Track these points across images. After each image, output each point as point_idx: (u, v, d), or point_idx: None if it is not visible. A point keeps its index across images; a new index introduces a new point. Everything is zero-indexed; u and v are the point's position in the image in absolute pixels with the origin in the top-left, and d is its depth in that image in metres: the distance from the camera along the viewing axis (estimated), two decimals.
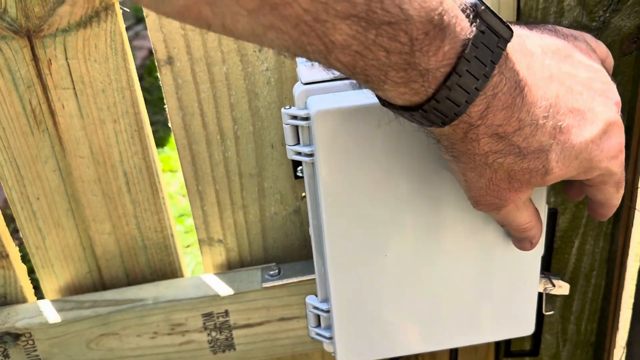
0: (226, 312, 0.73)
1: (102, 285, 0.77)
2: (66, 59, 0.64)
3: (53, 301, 0.74)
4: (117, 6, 0.63)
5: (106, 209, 0.72)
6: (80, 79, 0.65)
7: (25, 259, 0.76)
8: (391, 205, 0.50)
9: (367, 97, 0.47)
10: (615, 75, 0.66)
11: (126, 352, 0.73)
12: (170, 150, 2.66)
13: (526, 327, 0.58)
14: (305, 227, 0.76)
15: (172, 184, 2.50)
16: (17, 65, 0.63)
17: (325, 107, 0.46)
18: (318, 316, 0.59)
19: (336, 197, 0.49)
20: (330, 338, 0.59)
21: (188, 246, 2.15)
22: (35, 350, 0.72)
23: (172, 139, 2.72)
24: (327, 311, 0.57)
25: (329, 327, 0.59)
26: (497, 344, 0.82)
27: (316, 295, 0.62)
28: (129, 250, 0.75)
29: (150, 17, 0.62)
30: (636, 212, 0.85)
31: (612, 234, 0.75)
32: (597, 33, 0.63)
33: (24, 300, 0.76)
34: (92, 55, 0.64)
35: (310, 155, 0.50)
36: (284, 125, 0.50)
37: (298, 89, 0.49)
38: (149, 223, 0.74)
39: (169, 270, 0.77)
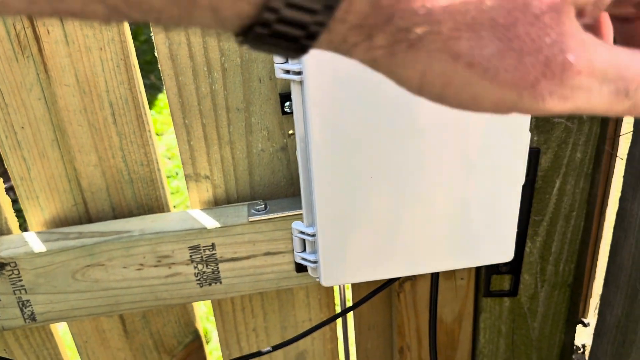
0: (212, 245, 0.74)
1: (88, 219, 0.77)
2: None
3: (38, 233, 0.74)
4: None
5: (92, 140, 0.72)
6: None
7: (8, 192, 0.76)
8: (379, 126, 0.51)
9: None
10: None
11: (112, 284, 0.74)
12: (157, 114, 2.64)
13: (505, 253, 0.59)
14: (293, 166, 0.77)
15: (159, 147, 2.49)
16: None
17: None
18: (304, 241, 0.60)
19: (325, 117, 0.50)
20: (315, 262, 0.60)
21: (175, 207, 2.15)
22: (21, 280, 0.72)
23: (158, 102, 2.70)
24: (313, 235, 0.58)
25: (314, 252, 0.60)
26: (477, 284, 0.84)
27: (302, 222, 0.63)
28: (115, 184, 0.75)
29: None
30: (617, 160, 0.86)
31: (592, 176, 0.77)
32: None
33: (8, 232, 0.76)
34: None
35: (299, 73, 0.50)
36: None
37: None
38: (136, 156, 0.74)
39: (155, 205, 0.78)
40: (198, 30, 0.66)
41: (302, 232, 0.59)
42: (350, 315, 0.94)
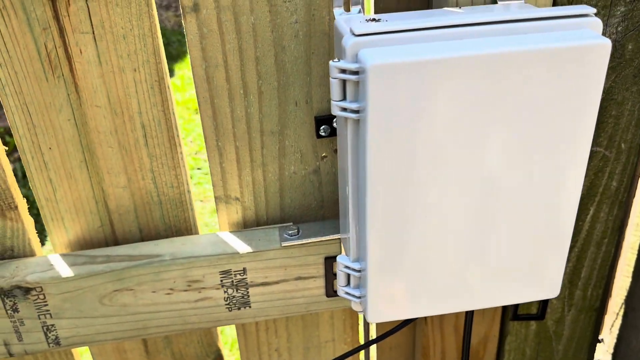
0: (244, 270, 0.72)
1: (114, 240, 0.75)
2: (86, 0, 0.60)
3: (63, 255, 0.72)
4: None
5: (122, 162, 0.69)
6: (101, 23, 0.61)
7: (30, 211, 0.73)
8: (438, 166, 0.50)
9: (430, 50, 0.45)
10: None
11: (140, 309, 0.72)
12: None
13: (552, 289, 0.59)
14: (324, 188, 0.75)
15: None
16: (33, 5, 0.59)
17: (381, 61, 0.44)
18: (348, 275, 0.59)
19: (383, 157, 0.48)
20: (360, 297, 0.59)
21: None
22: (46, 305, 0.70)
23: None
24: (359, 270, 0.57)
25: (358, 287, 0.59)
26: (504, 307, 0.84)
27: (345, 254, 0.61)
28: (144, 205, 0.73)
29: None
30: (639, 182, 0.86)
31: (626, 203, 0.76)
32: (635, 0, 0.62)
33: (31, 254, 0.73)
34: None
35: (357, 111, 0.48)
36: (330, 79, 0.48)
37: (349, 40, 0.47)
38: (166, 178, 0.72)
39: (183, 227, 0.76)
40: (236, 52, 0.64)
41: (347, 267, 0.58)
42: (372, 336, 0.93)
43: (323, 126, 0.70)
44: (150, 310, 0.73)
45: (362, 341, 0.94)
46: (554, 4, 0.61)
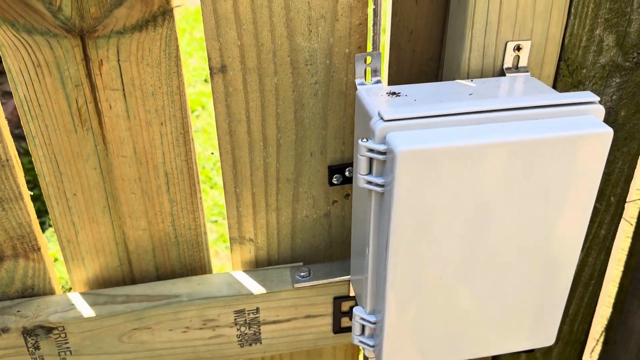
0: (257, 309, 0.76)
1: (131, 278, 0.78)
2: (118, 60, 0.63)
3: (84, 294, 0.75)
4: (175, 12, 0.62)
5: (143, 207, 0.72)
6: (131, 81, 0.64)
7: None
8: (454, 236, 0.54)
9: (451, 136, 0.50)
10: (637, 112, 0.71)
11: (157, 345, 0.76)
12: None
13: (548, 337, 0.64)
14: (334, 230, 0.79)
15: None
16: (67, 64, 0.62)
17: (409, 147, 0.48)
18: (363, 326, 0.63)
19: (405, 227, 0.53)
20: (373, 346, 0.63)
21: None
22: (67, 343, 0.73)
23: None
24: (375, 323, 0.61)
25: (372, 336, 0.63)
26: None
27: (359, 303, 0.66)
28: (162, 246, 0.76)
29: (208, 25, 0.62)
30: (622, 222, 0.92)
31: (611, 248, 0.82)
32: (629, 72, 0.68)
33: (51, 292, 0.76)
34: (145, 58, 0.63)
35: (382, 185, 0.53)
36: (358, 155, 0.52)
37: (377, 124, 0.51)
38: (184, 221, 0.75)
39: (198, 266, 0.79)
40: (258, 109, 0.67)
41: (363, 319, 0.62)
42: None
43: (336, 175, 0.74)
44: (166, 347, 0.76)
45: None
46: (556, 76, 0.66)
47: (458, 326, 0.61)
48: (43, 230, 1.93)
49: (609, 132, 0.52)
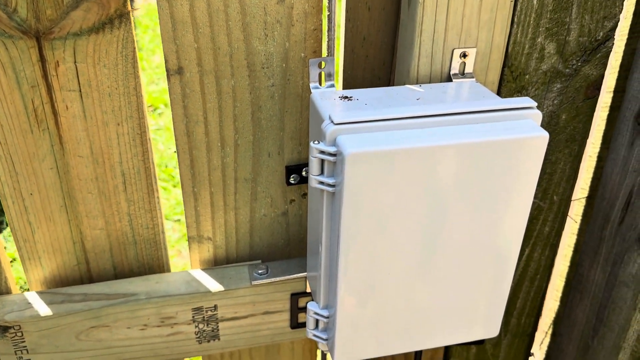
0: (215, 307, 0.77)
1: (88, 277, 0.78)
2: (75, 62, 0.63)
3: (41, 293, 0.75)
4: (132, 15, 0.63)
5: (100, 206, 0.73)
6: (88, 82, 0.65)
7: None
8: (402, 232, 0.57)
9: (398, 139, 0.52)
10: (577, 115, 0.75)
11: (115, 343, 0.76)
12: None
13: (493, 328, 0.68)
14: (291, 229, 0.81)
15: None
16: (23, 65, 0.62)
17: (357, 150, 0.51)
18: (317, 320, 0.66)
19: (354, 224, 0.55)
20: (327, 339, 0.65)
21: None
22: (23, 342, 0.73)
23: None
24: (327, 317, 0.64)
25: (326, 330, 0.66)
26: None
27: (313, 299, 0.68)
28: (119, 245, 0.77)
29: (165, 28, 0.63)
30: (568, 219, 0.97)
31: (556, 244, 0.87)
32: (569, 79, 0.72)
33: (7, 292, 0.76)
34: (102, 60, 0.64)
35: (333, 185, 0.55)
36: (311, 157, 0.54)
37: (328, 127, 0.53)
38: (142, 220, 0.76)
39: (156, 265, 0.80)
40: (216, 110, 0.69)
41: (317, 314, 0.64)
42: (329, 359, 1.00)
43: (293, 175, 0.76)
44: (125, 345, 0.77)
45: None
46: (501, 81, 0.70)
47: (409, 319, 0.64)
48: (0, 230, 1.89)
49: (544, 135, 0.55)
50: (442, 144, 0.53)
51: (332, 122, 0.53)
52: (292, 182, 0.76)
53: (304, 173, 0.76)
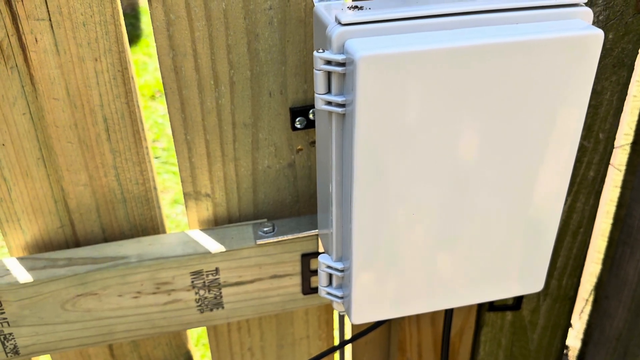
0: (216, 270, 0.69)
1: (75, 241, 0.70)
2: None
3: (21, 259, 0.67)
4: None
5: (82, 158, 0.65)
6: (58, 9, 0.56)
7: None
8: (427, 159, 0.47)
9: (421, 40, 0.43)
10: (626, 34, 0.65)
11: (105, 313, 0.68)
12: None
13: (537, 283, 0.58)
14: (300, 182, 0.72)
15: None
16: None
17: (371, 52, 0.41)
18: (330, 275, 0.57)
19: (371, 152, 0.46)
20: (342, 297, 0.56)
21: None
22: (3, 313, 0.65)
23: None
24: (342, 270, 0.55)
25: (341, 287, 0.56)
26: None
27: (326, 253, 0.59)
28: (107, 204, 0.68)
29: None
30: (609, 170, 0.87)
31: (600, 193, 0.76)
32: None
33: None
34: None
35: (342, 105, 0.45)
36: (315, 71, 0.45)
37: (335, 29, 0.44)
38: (130, 174, 0.67)
39: (149, 226, 0.71)
40: (206, 39, 0.60)
41: (330, 267, 0.55)
42: (347, 330, 0.91)
43: (299, 118, 0.67)
44: (117, 315, 0.69)
45: (337, 336, 0.92)
46: None
47: (434, 272, 0.55)
48: None
49: (598, 34, 0.45)
50: (475, 43, 0.43)
51: (339, 23, 0.44)
52: (298, 126, 0.67)
53: (311, 116, 0.67)
